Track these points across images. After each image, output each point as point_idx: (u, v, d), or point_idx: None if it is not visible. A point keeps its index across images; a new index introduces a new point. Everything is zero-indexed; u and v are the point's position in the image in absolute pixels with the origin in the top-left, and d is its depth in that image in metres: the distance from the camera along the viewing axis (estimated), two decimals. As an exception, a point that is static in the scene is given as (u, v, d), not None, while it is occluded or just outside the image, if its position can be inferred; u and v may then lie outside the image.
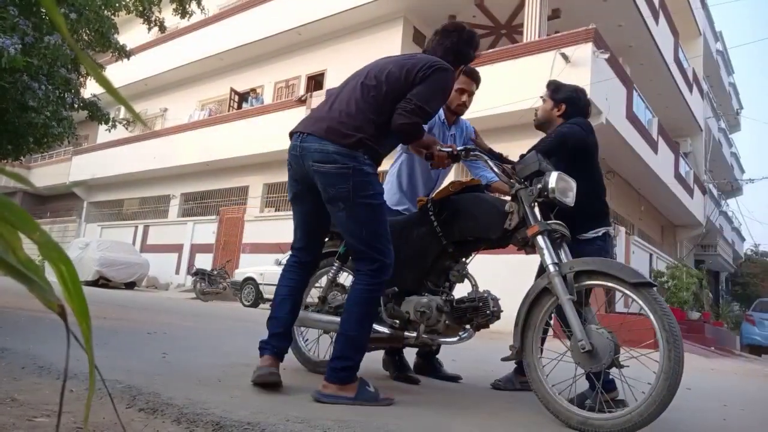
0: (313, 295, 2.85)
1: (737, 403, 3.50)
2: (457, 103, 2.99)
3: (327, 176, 2.06)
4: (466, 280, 2.50)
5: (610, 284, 2.02)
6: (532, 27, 10.95)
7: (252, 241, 14.84)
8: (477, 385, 2.96)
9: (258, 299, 11.13)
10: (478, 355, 4.56)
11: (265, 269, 11.10)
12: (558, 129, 2.86)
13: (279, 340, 2.22)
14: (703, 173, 19.49)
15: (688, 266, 14.30)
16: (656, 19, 13.33)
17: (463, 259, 2.50)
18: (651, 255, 14.41)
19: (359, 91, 2.15)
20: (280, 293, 2.31)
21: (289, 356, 2.67)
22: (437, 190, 2.68)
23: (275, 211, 14.65)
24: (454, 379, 3.09)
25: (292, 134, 2.22)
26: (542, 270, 3.01)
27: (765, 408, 3.63)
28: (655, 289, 1.96)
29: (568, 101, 2.98)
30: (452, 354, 3.86)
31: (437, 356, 3.17)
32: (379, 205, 2.13)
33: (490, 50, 11.31)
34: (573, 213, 2.33)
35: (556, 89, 3.03)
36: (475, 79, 3.01)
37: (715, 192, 21.45)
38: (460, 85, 2.95)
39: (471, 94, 3.03)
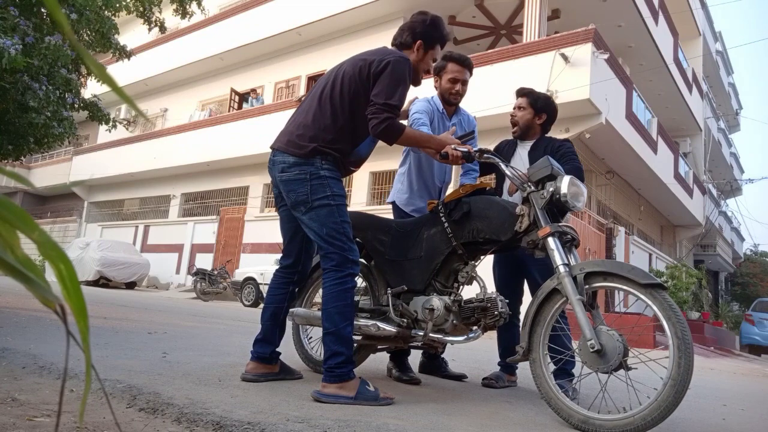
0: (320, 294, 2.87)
1: (737, 403, 3.50)
2: (450, 92, 3.00)
3: (288, 183, 2.26)
4: (474, 282, 2.50)
5: (620, 285, 2.01)
6: (531, 27, 10.95)
7: (252, 241, 14.84)
8: (477, 385, 2.96)
9: (258, 299, 11.13)
10: (478, 355, 4.56)
11: (265, 269, 11.12)
12: (570, 149, 2.94)
13: (259, 347, 2.38)
14: (702, 173, 19.49)
15: (688, 266, 14.31)
16: (656, 19, 13.33)
17: (472, 262, 2.51)
18: (650, 255, 14.41)
19: (317, 100, 2.31)
20: (265, 302, 2.49)
21: (291, 356, 2.68)
22: (448, 193, 2.69)
23: (275, 211, 14.63)
24: (460, 378, 3.10)
25: (270, 148, 2.42)
26: (505, 264, 3.06)
27: (765, 408, 3.63)
28: (666, 291, 1.96)
29: (549, 111, 3.08)
30: (452, 354, 3.87)
31: (442, 355, 3.17)
32: (337, 206, 2.23)
33: (490, 50, 11.31)
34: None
35: (535, 98, 3.08)
36: (467, 65, 3.01)
37: (714, 192, 21.45)
38: (452, 75, 2.98)
39: (465, 83, 3.01)
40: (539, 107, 3.07)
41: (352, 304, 2.21)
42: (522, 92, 3.13)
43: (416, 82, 2.44)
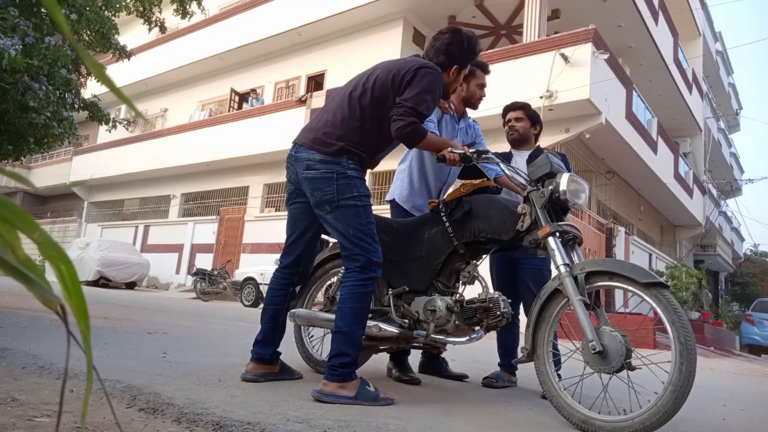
0: (321, 293, 2.87)
1: (737, 403, 3.50)
2: (475, 97, 3.06)
3: (314, 182, 2.23)
4: (476, 282, 2.49)
5: (622, 285, 2.00)
6: (531, 27, 10.95)
7: (252, 241, 14.85)
8: (477, 385, 2.96)
9: (258, 299, 11.12)
10: (478, 355, 4.56)
11: (265, 269, 11.11)
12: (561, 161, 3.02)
13: (259, 347, 2.37)
14: (702, 173, 19.49)
15: (688, 266, 14.30)
16: (656, 19, 13.33)
17: (474, 261, 2.50)
18: (650, 255, 14.42)
19: (346, 101, 2.29)
20: (265, 303, 2.47)
21: (292, 355, 2.68)
22: (448, 192, 2.69)
23: (275, 211, 14.65)
24: (460, 378, 3.09)
25: (293, 143, 2.40)
26: (501, 265, 3.08)
27: (765, 408, 3.63)
28: (667, 290, 1.94)
29: (540, 123, 3.29)
30: (452, 354, 3.86)
31: (442, 355, 3.17)
32: (363, 206, 2.23)
33: (490, 51, 11.31)
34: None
35: (530, 111, 3.29)
36: (489, 72, 3.09)
37: (714, 192, 21.45)
38: (480, 81, 3.05)
39: (485, 86, 3.11)
40: (534, 119, 3.27)
41: (368, 308, 2.21)
42: (516, 105, 3.30)
43: (445, 99, 2.50)
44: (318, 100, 12.81)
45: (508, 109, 3.30)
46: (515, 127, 3.23)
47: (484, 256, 2.55)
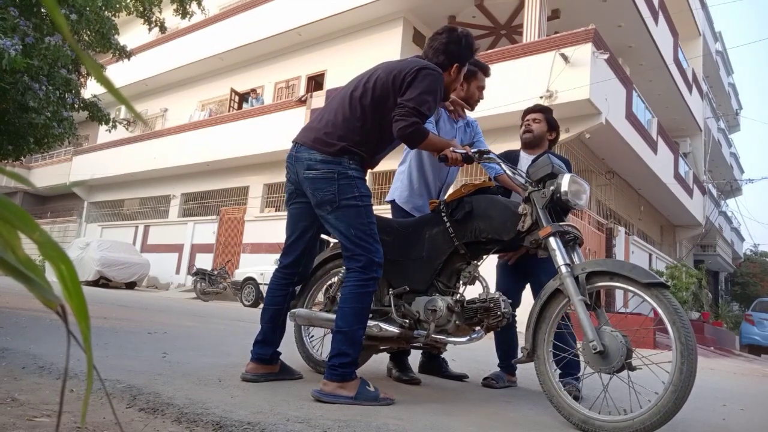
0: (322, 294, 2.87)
1: (737, 403, 3.50)
2: (475, 98, 3.07)
3: (315, 182, 2.23)
4: (477, 283, 2.49)
5: (623, 285, 2.00)
6: (531, 27, 10.95)
7: (252, 241, 14.85)
8: (477, 385, 2.96)
9: (258, 299, 11.12)
10: (478, 355, 4.56)
11: (265, 269, 11.11)
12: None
13: (259, 347, 2.37)
14: (702, 173, 19.49)
15: (688, 266, 14.30)
16: (656, 19, 13.33)
17: (475, 261, 2.51)
18: (650, 255, 14.42)
19: (347, 101, 2.29)
20: (265, 303, 2.47)
21: (292, 355, 2.68)
22: (449, 192, 2.69)
23: (275, 211, 14.65)
24: (460, 378, 3.09)
25: (293, 142, 2.40)
26: (508, 270, 3.08)
27: (765, 408, 3.63)
28: (668, 290, 1.94)
29: (558, 131, 3.29)
30: (452, 354, 3.86)
31: (442, 355, 3.17)
32: (364, 206, 2.23)
33: (490, 51, 11.31)
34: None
35: (550, 116, 3.28)
36: (488, 75, 3.10)
37: (714, 192, 21.45)
38: (481, 83, 3.06)
39: (484, 89, 3.13)
40: (552, 124, 3.27)
41: (368, 309, 2.21)
42: (538, 108, 3.31)
43: (445, 98, 2.49)
44: (318, 100, 12.82)
45: (529, 110, 3.30)
46: (531, 127, 3.22)
47: (484, 257, 2.55)
